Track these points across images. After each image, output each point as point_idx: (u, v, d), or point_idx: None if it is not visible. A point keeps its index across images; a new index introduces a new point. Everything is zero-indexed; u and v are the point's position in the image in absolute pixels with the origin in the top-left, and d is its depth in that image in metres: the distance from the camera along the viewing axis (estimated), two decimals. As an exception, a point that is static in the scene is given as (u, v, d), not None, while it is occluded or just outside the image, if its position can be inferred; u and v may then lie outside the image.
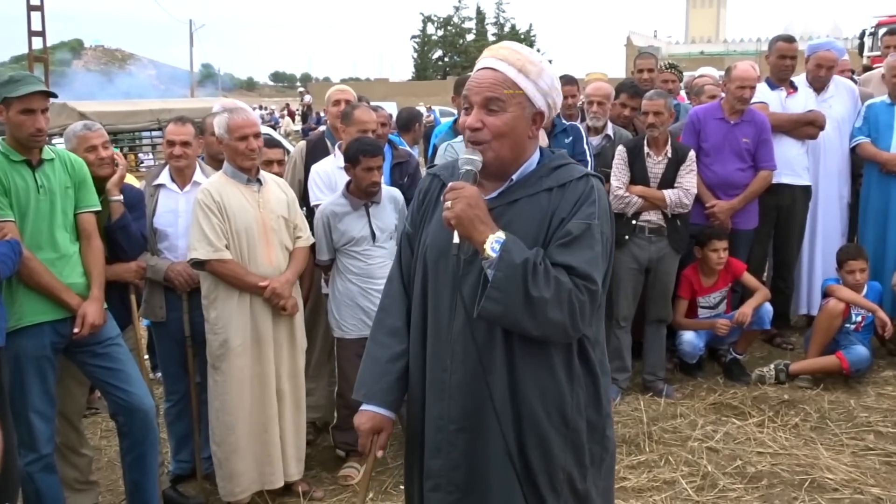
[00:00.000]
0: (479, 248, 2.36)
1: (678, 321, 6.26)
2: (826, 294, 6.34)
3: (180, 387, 4.92)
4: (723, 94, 6.60)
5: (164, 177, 4.82)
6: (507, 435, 2.47)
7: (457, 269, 2.43)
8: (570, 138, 5.74)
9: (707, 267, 6.20)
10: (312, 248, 4.81)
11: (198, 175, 4.82)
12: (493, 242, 2.34)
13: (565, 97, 5.89)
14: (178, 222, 4.73)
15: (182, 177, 4.81)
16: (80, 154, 4.32)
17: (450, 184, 2.42)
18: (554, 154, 2.61)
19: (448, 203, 2.36)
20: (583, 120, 6.31)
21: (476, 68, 2.51)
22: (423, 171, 5.40)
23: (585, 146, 5.74)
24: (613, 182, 5.83)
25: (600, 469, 2.65)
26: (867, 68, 8.96)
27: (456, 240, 2.36)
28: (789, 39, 6.98)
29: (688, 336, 6.22)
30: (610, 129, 6.29)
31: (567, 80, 6.11)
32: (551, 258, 2.38)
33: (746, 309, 6.10)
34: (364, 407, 2.71)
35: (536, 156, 2.57)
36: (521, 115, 2.45)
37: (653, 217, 5.89)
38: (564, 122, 5.92)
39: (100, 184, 4.29)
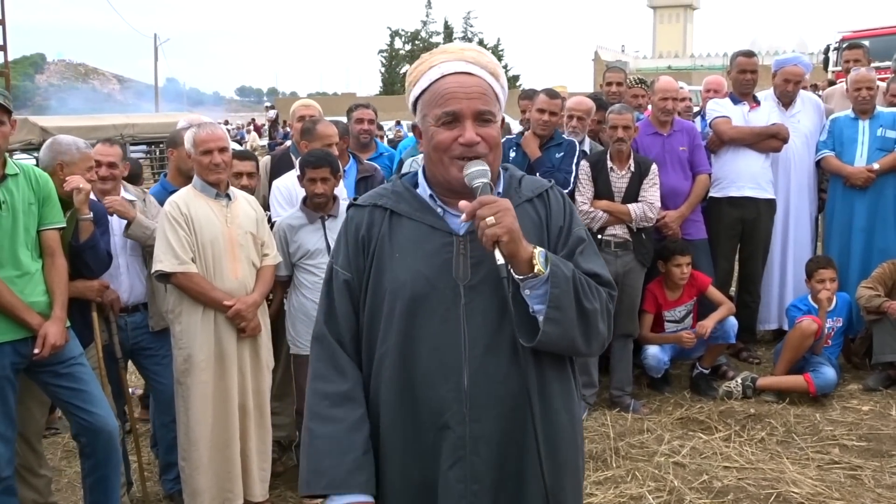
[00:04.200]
0: (525, 265, 2.07)
1: (644, 335, 6.27)
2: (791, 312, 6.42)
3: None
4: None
5: None
6: (547, 479, 2.13)
7: (458, 298, 2.14)
8: (562, 153, 5.77)
9: (671, 281, 6.23)
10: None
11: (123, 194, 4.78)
12: (539, 256, 2.08)
13: (544, 112, 5.91)
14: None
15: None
16: (80, 171, 4.29)
17: (478, 198, 2.07)
18: (506, 168, 2.38)
19: (490, 219, 2.02)
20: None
21: (445, 72, 2.18)
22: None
23: (573, 165, 5.76)
24: (578, 197, 5.84)
25: None
26: (832, 83, 9.07)
27: (500, 260, 2.04)
28: (748, 54, 7.08)
29: (652, 350, 6.23)
30: (587, 145, 6.30)
31: (551, 95, 6.03)
32: (578, 267, 2.19)
33: (707, 322, 6.11)
34: (335, 499, 2.17)
35: None
36: (500, 124, 2.23)
37: (618, 231, 5.92)
38: (564, 136, 5.93)
39: (65, 200, 4.21)
